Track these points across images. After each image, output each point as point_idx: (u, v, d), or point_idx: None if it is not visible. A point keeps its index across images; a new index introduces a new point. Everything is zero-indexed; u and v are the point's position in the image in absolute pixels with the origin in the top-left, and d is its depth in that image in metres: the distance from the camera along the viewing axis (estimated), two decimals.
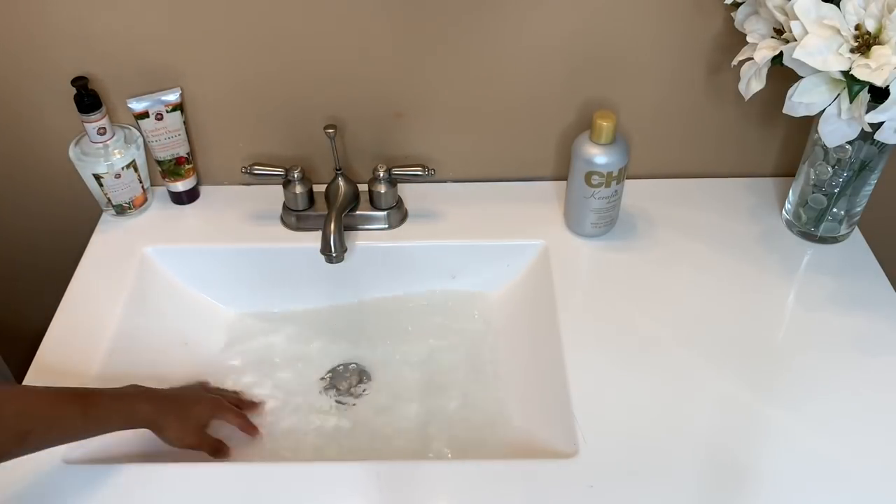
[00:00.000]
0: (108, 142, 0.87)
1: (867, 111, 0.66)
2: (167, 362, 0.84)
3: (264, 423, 0.81)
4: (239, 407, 0.80)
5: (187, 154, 0.92)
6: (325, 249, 0.83)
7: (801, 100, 0.70)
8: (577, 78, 0.88)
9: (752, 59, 0.73)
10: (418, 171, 0.88)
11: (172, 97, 0.88)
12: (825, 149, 0.81)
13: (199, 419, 0.75)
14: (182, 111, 0.89)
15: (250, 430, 0.78)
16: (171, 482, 0.67)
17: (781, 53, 0.69)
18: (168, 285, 0.91)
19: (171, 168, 0.92)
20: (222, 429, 0.77)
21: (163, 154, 0.91)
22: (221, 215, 0.94)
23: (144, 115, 0.87)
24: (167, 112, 0.88)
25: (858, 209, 0.86)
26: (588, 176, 0.84)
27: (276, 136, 0.94)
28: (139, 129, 0.89)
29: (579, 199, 0.87)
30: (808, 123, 0.83)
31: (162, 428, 0.71)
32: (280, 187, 0.91)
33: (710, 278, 0.85)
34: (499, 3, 0.82)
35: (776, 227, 0.91)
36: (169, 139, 0.90)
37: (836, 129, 0.70)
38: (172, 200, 0.96)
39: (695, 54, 0.86)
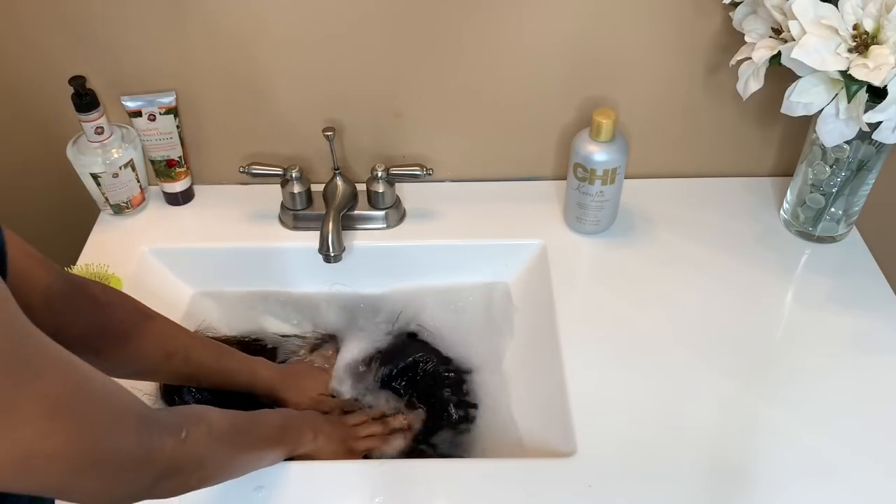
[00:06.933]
0: (105, 141, 0.87)
1: (865, 111, 0.67)
2: None
3: None
4: None
5: (179, 157, 0.92)
6: (324, 249, 0.83)
7: (800, 99, 0.70)
8: (575, 78, 0.88)
9: (750, 58, 0.73)
10: (416, 170, 0.88)
11: (167, 100, 0.88)
12: (823, 148, 0.81)
13: (317, 388, 0.83)
14: (176, 115, 0.89)
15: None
16: None
17: (780, 53, 0.69)
18: (167, 285, 0.91)
19: (162, 169, 0.92)
20: None
21: (153, 155, 0.91)
22: (220, 215, 0.94)
23: (138, 113, 0.87)
24: (160, 114, 0.88)
25: (856, 209, 0.86)
26: (587, 173, 0.84)
27: (275, 136, 0.94)
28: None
29: (578, 196, 0.87)
30: (806, 123, 0.83)
31: (281, 398, 0.79)
32: (278, 187, 0.91)
33: (708, 277, 0.85)
34: (498, 3, 0.82)
35: (774, 226, 0.91)
36: (159, 141, 0.90)
37: (834, 129, 0.70)
38: (167, 201, 0.96)
39: (693, 54, 0.86)
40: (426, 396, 0.82)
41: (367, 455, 0.77)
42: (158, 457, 0.47)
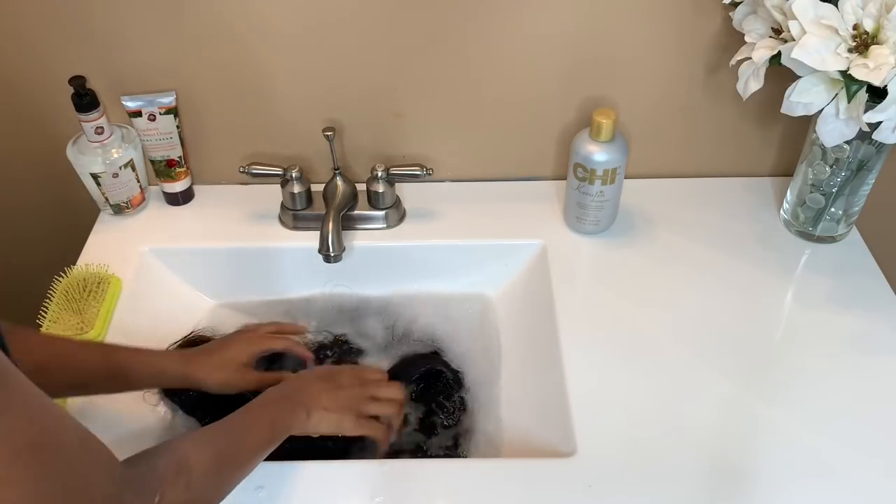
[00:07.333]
0: (105, 141, 0.87)
1: (865, 111, 0.67)
2: None
3: None
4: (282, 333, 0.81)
5: (179, 157, 0.92)
6: (324, 249, 0.83)
7: (800, 99, 0.70)
8: (575, 78, 0.88)
9: (750, 58, 0.73)
10: (416, 170, 0.88)
11: (167, 100, 0.88)
12: (823, 148, 0.81)
13: (236, 358, 0.74)
14: (176, 115, 0.89)
15: (299, 351, 0.80)
16: None
17: (780, 53, 0.69)
18: (166, 285, 0.91)
19: (162, 169, 0.92)
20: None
21: (153, 155, 0.91)
22: (220, 215, 0.94)
23: (138, 113, 0.87)
24: (160, 114, 0.88)
25: (856, 209, 0.86)
26: (587, 173, 0.84)
27: (275, 136, 0.94)
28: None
29: (578, 196, 0.87)
30: (807, 123, 0.83)
31: (198, 380, 0.71)
32: (278, 187, 0.91)
33: (708, 277, 0.85)
34: (497, 4, 0.82)
35: (774, 226, 0.91)
36: (160, 141, 0.90)
37: (834, 129, 0.70)
38: (167, 201, 0.96)
39: (693, 54, 0.86)
40: (425, 395, 0.82)
41: (375, 418, 0.72)
42: None
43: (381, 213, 0.92)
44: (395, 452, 0.76)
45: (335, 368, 0.77)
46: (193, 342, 0.84)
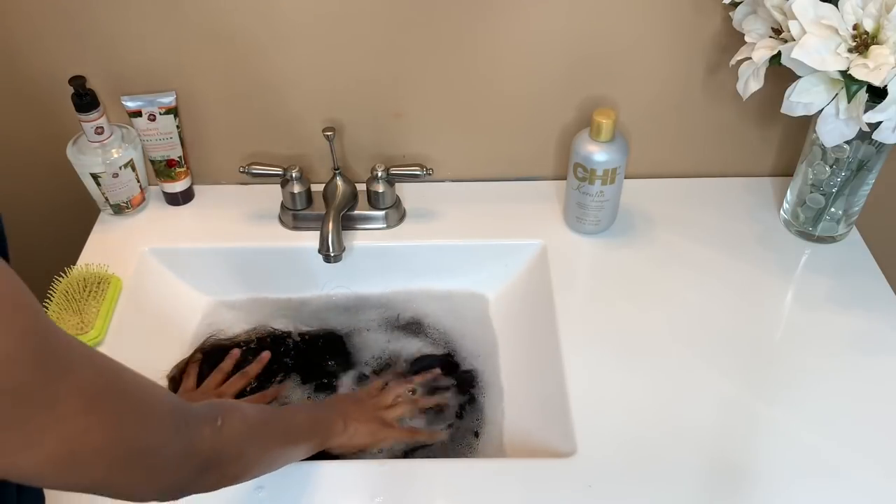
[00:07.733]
0: (105, 141, 0.87)
1: (865, 111, 0.67)
2: (164, 361, 0.84)
3: None
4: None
5: (179, 157, 0.92)
6: (324, 249, 0.83)
7: (800, 99, 0.70)
8: (575, 78, 0.88)
9: (750, 58, 0.73)
10: (416, 170, 0.88)
11: (167, 100, 0.88)
12: (823, 148, 0.81)
13: None
14: (176, 115, 0.89)
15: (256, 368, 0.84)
16: None
17: (780, 53, 0.69)
18: (166, 284, 0.91)
19: (162, 169, 0.92)
20: None
21: (153, 155, 0.91)
22: (220, 215, 0.94)
23: (138, 113, 0.87)
24: (160, 114, 0.88)
25: (856, 209, 0.86)
26: (587, 173, 0.84)
27: (275, 136, 0.94)
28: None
29: (578, 196, 0.87)
30: (806, 123, 0.83)
31: None
32: (278, 187, 0.91)
33: (708, 277, 0.85)
34: (498, 4, 0.82)
35: (774, 226, 0.91)
36: (160, 141, 0.90)
37: (834, 129, 0.70)
38: (167, 201, 0.96)
39: (693, 54, 0.86)
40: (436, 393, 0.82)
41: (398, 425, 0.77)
42: (199, 447, 0.47)
43: (381, 213, 0.92)
44: (408, 451, 0.76)
45: (350, 392, 0.83)
46: (209, 350, 0.85)
